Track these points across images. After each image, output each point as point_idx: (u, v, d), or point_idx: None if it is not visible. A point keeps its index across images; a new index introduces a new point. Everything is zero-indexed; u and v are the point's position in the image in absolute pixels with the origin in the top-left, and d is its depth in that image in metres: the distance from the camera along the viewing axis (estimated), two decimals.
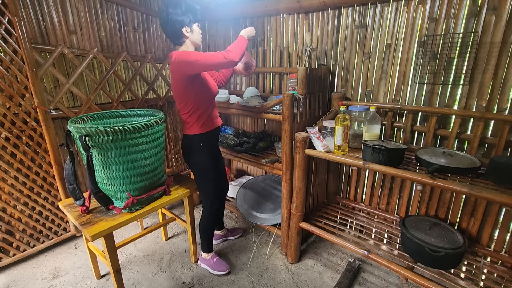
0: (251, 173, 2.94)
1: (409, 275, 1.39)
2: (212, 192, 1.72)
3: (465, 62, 1.53)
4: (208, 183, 1.69)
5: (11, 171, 1.75)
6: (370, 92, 1.92)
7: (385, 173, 1.49)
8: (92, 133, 1.27)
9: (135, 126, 1.33)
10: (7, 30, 1.63)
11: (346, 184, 2.20)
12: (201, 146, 1.61)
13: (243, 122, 2.84)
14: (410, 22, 1.66)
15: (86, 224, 1.38)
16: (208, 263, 1.84)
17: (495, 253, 1.57)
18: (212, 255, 1.85)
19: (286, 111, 1.68)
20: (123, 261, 1.95)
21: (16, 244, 1.86)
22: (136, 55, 2.34)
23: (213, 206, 1.73)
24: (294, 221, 1.82)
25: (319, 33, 2.08)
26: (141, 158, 1.43)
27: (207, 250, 1.84)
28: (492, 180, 1.28)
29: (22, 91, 1.73)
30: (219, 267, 1.81)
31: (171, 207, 2.69)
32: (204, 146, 1.62)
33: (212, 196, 1.72)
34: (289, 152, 1.74)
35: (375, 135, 1.61)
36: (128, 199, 1.45)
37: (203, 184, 1.71)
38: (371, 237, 1.89)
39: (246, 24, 2.52)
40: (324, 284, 1.75)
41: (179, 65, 1.43)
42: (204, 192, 1.72)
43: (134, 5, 2.26)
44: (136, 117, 1.79)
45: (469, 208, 1.64)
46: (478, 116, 1.48)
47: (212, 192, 1.72)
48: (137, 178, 1.45)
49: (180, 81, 1.46)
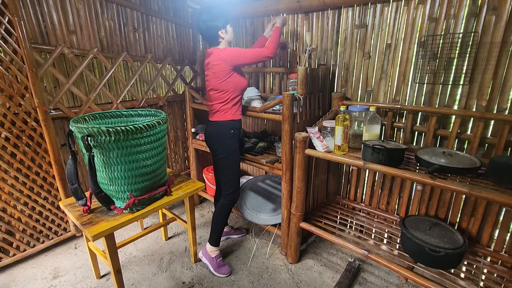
0: (251, 173, 2.95)
1: (409, 275, 1.39)
2: (237, 180, 1.78)
3: (465, 62, 1.53)
4: (233, 170, 1.76)
5: (11, 171, 1.75)
6: (370, 92, 1.92)
7: (385, 173, 1.49)
8: (95, 133, 1.27)
9: (137, 127, 1.34)
10: (7, 30, 1.62)
11: (346, 184, 2.20)
12: (232, 133, 1.72)
13: (243, 122, 2.84)
14: (410, 22, 1.67)
15: (87, 224, 1.38)
16: (211, 261, 1.84)
17: (495, 253, 1.57)
18: (217, 254, 1.86)
19: (286, 111, 1.68)
20: (123, 261, 1.95)
21: (16, 244, 1.86)
22: (136, 55, 2.34)
23: (234, 195, 1.79)
24: (294, 221, 1.82)
25: (319, 33, 2.09)
26: (143, 158, 1.43)
27: (215, 243, 1.85)
28: (492, 180, 1.28)
29: (22, 91, 1.73)
30: (221, 269, 1.81)
31: (171, 207, 2.69)
32: (234, 133, 1.73)
33: (236, 184, 1.78)
34: (289, 152, 1.74)
35: (375, 135, 1.62)
36: (130, 199, 1.45)
37: (228, 171, 1.76)
38: (371, 237, 1.89)
39: (246, 24, 2.53)
40: (324, 284, 1.75)
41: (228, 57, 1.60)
42: (229, 180, 1.77)
43: (134, 5, 2.26)
44: (137, 117, 1.79)
45: (469, 208, 1.64)
46: (478, 116, 1.49)
47: (236, 180, 1.78)
48: (138, 179, 1.45)
49: (224, 72, 1.62)
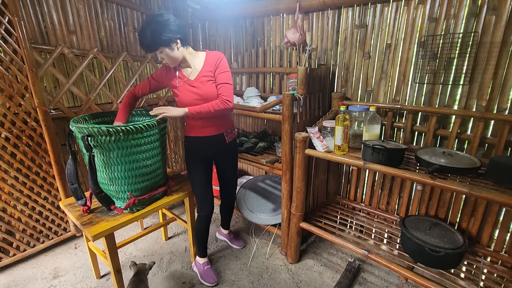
0: (251, 173, 2.95)
1: (409, 275, 1.39)
2: (201, 196, 1.66)
3: (465, 62, 1.53)
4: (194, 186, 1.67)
5: (11, 171, 1.75)
6: (370, 92, 1.92)
7: (385, 173, 1.49)
8: (95, 133, 1.27)
9: (137, 127, 1.34)
10: (7, 30, 1.62)
11: (346, 184, 2.20)
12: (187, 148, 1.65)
13: (243, 122, 2.85)
14: (410, 22, 1.66)
15: (87, 224, 1.38)
16: (199, 269, 1.80)
17: (495, 253, 1.57)
18: (205, 262, 1.81)
19: (286, 111, 1.68)
20: (123, 261, 1.95)
21: (16, 244, 1.86)
22: (136, 55, 2.34)
23: (201, 210, 1.67)
24: (294, 221, 1.82)
25: (319, 33, 2.08)
26: (143, 158, 1.43)
27: (199, 254, 1.81)
28: (492, 180, 1.28)
29: (22, 91, 1.73)
30: (207, 277, 1.75)
31: (171, 207, 2.69)
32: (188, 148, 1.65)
33: (201, 200, 1.66)
34: (289, 152, 1.74)
35: (375, 135, 1.62)
36: (130, 199, 1.45)
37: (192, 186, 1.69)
38: (371, 237, 1.89)
39: (246, 24, 2.53)
40: (324, 284, 1.75)
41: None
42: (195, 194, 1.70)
43: (134, 5, 2.26)
44: (138, 117, 1.79)
45: (469, 208, 1.64)
46: (478, 116, 1.49)
47: (200, 196, 1.66)
48: (138, 179, 1.46)
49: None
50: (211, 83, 1.47)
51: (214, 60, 1.48)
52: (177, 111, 1.46)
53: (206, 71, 1.47)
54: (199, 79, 1.47)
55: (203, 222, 1.70)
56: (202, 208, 1.67)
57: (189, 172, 1.65)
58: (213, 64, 1.47)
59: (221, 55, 1.50)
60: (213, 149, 1.64)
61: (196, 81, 1.47)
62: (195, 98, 1.47)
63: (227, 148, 1.69)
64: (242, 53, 2.63)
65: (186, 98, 1.49)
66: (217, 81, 1.47)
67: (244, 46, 2.61)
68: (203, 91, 1.46)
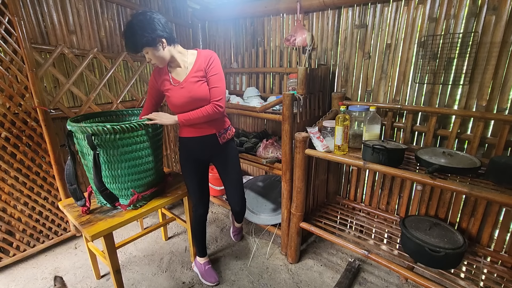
0: (251, 173, 2.95)
1: (409, 275, 1.39)
2: (194, 195, 1.64)
3: (465, 62, 1.53)
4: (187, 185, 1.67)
5: (11, 171, 1.75)
6: (370, 92, 1.92)
7: (385, 173, 1.49)
8: (99, 131, 1.29)
9: (141, 124, 1.39)
10: (7, 30, 1.63)
11: (346, 184, 2.20)
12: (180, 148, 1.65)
13: (243, 122, 2.85)
14: (410, 22, 1.66)
15: (86, 224, 1.38)
16: (200, 269, 1.80)
17: (495, 253, 1.57)
18: (205, 261, 1.80)
19: (286, 111, 1.68)
20: (123, 261, 1.95)
21: (16, 244, 1.86)
22: (136, 55, 2.34)
23: (195, 208, 1.67)
24: (294, 221, 1.82)
25: (319, 33, 2.08)
26: (145, 155, 1.48)
27: (198, 254, 1.81)
28: (492, 180, 1.28)
29: (22, 91, 1.73)
30: (208, 277, 1.75)
31: (171, 207, 2.69)
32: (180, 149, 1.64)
33: (194, 199, 1.65)
34: (289, 152, 1.74)
35: (375, 135, 1.61)
36: (133, 195, 1.48)
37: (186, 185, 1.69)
38: (371, 237, 1.89)
39: (246, 24, 2.53)
40: (324, 284, 1.75)
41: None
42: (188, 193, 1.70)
43: (134, 5, 2.26)
44: (137, 117, 1.80)
45: (469, 208, 1.64)
46: (478, 116, 1.48)
47: (193, 195, 1.65)
48: (141, 175, 1.50)
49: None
50: (201, 83, 1.41)
51: (205, 59, 1.41)
52: (167, 120, 1.45)
53: (196, 70, 1.41)
54: (188, 80, 1.40)
55: (197, 222, 1.70)
56: (196, 208, 1.67)
57: (183, 172, 1.64)
58: (204, 64, 1.41)
59: (213, 54, 1.44)
60: (207, 150, 1.58)
61: (186, 81, 1.41)
62: (185, 99, 1.41)
63: (222, 149, 1.60)
64: (242, 53, 2.63)
65: (176, 99, 1.43)
66: (209, 84, 1.42)
67: (244, 46, 2.61)
68: (193, 92, 1.40)
